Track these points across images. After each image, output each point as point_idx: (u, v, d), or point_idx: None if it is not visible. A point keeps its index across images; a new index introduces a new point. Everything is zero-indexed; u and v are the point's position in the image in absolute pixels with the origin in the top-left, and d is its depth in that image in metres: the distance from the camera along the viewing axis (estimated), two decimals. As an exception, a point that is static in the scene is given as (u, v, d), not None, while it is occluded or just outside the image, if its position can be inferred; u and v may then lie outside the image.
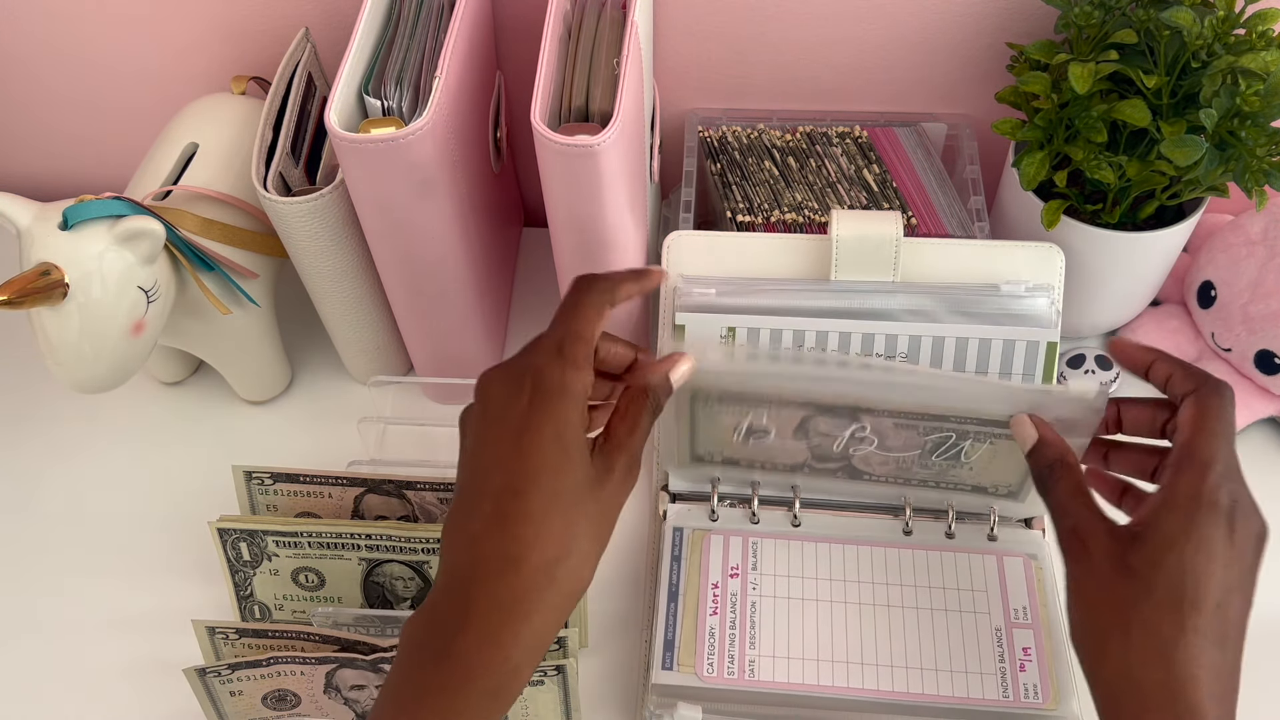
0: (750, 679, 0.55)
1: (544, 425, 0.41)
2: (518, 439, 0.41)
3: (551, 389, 0.41)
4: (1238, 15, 0.55)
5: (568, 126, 0.52)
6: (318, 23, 0.70)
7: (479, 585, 0.39)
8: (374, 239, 0.59)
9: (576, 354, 0.42)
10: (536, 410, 0.41)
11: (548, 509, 0.40)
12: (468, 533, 0.40)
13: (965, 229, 0.65)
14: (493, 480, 0.40)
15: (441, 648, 0.38)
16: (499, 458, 0.41)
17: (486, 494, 0.40)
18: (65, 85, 0.77)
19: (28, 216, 0.54)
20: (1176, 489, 0.43)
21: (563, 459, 0.40)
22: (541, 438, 0.40)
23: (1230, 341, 0.66)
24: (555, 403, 0.41)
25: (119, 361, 0.57)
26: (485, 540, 0.40)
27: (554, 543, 0.39)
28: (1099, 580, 0.43)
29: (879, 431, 0.55)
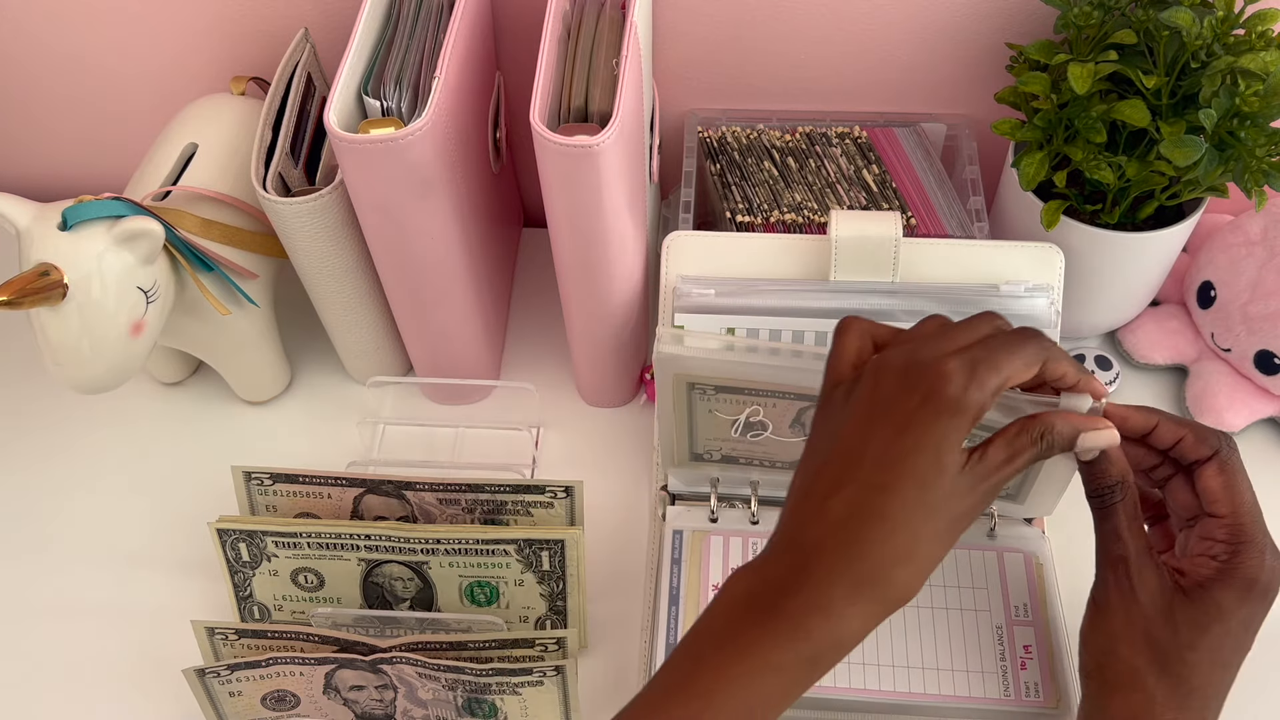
0: (750, 679, 0.55)
1: (928, 435, 0.40)
2: (899, 437, 0.40)
3: (946, 403, 0.40)
4: (1237, 15, 0.55)
5: (567, 127, 0.52)
6: (317, 23, 0.70)
7: (821, 557, 0.40)
8: (373, 239, 0.59)
9: (987, 382, 0.41)
10: (925, 417, 0.40)
11: (907, 516, 0.40)
12: (824, 506, 0.41)
13: (965, 229, 0.65)
14: (863, 469, 0.41)
15: (773, 603, 0.40)
16: (876, 449, 0.41)
17: (853, 479, 0.41)
18: (64, 85, 0.77)
19: (27, 217, 0.54)
20: (1236, 572, 0.45)
21: (934, 473, 0.40)
22: (922, 446, 0.40)
23: (1230, 341, 0.66)
24: (946, 418, 0.40)
25: (119, 361, 0.57)
26: (839, 522, 0.40)
27: (900, 548, 0.40)
28: (1139, 619, 0.45)
29: None
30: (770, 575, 0.41)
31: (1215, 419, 0.66)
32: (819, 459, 0.42)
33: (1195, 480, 0.47)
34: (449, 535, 0.55)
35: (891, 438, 0.40)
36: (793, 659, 0.39)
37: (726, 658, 0.39)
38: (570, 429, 0.70)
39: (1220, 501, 0.46)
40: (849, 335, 0.45)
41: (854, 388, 0.43)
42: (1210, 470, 0.47)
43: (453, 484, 0.58)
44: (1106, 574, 0.46)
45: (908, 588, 0.40)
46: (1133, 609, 0.45)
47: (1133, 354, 0.71)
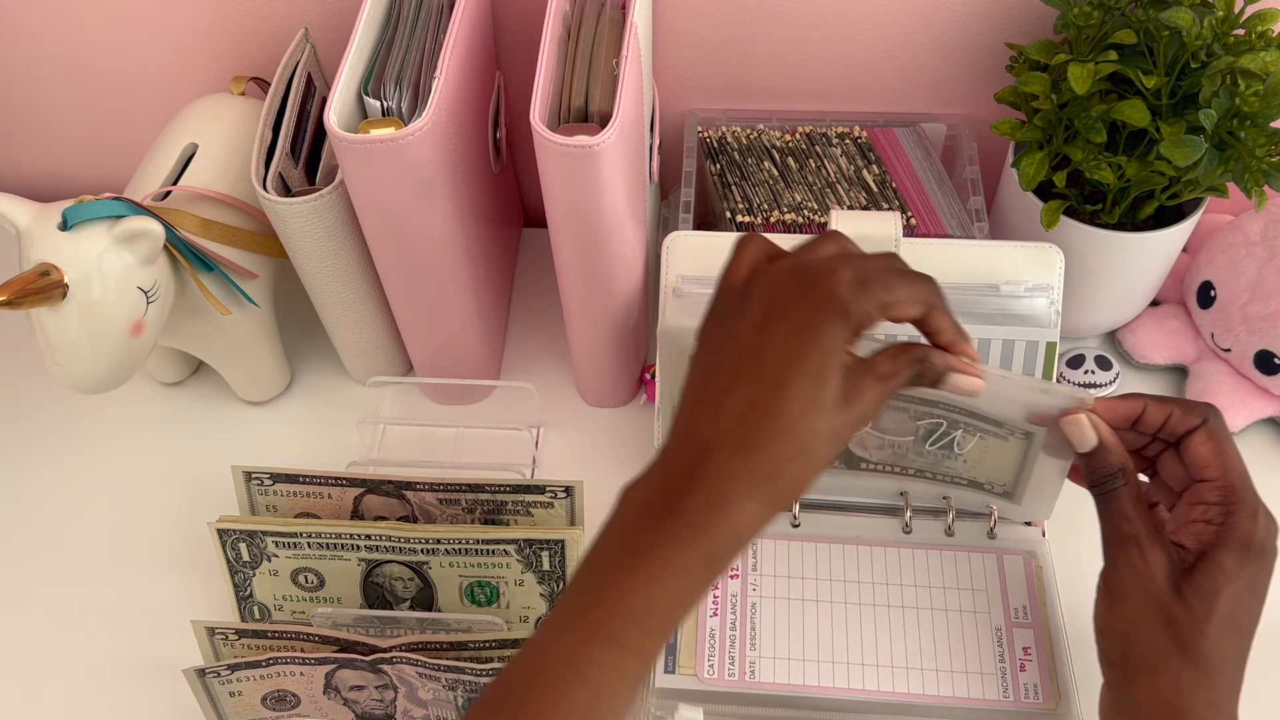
0: (751, 680, 0.55)
1: (822, 335, 0.41)
2: (794, 336, 0.41)
3: (839, 305, 0.41)
4: (1237, 15, 0.55)
5: (567, 127, 0.52)
6: (317, 23, 0.70)
7: (715, 457, 0.40)
8: (373, 239, 0.59)
9: (875, 294, 0.42)
10: (820, 319, 0.41)
11: (801, 412, 0.40)
12: (720, 405, 0.41)
13: (965, 229, 0.65)
14: (759, 367, 0.41)
15: (670, 505, 0.40)
16: (772, 348, 0.41)
17: (749, 378, 0.41)
18: (65, 86, 0.77)
19: (27, 217, 0.54)
20: (1232, 531, 0.46)
21: (828, 372, 0.41)
22: (818, 344, 0.41)
23: (1230, 341, 0.66)
24: (838, 320, 0.41)
25: (119, 361, 0.57)
26: (735, 420, 0.40)
27: (794, 445, 0.40)
28: (1153, 599, 0.45)
29: None
30: (666, 479, 0.41)
31: (1215, 419, 0.66)
32: (713, 360, 0.43)
33: (1184, 452, 0.48)
34: (449, 535, 0.55)
35: (787, 337, 0.41)
36: (694, 558, 0.39)
37: (628, 566, 0.39)
38: (570, 429, 0.70)
39: (1210, 465, 0.47)
40: (747, 247, 0.45)
41: (748, 291, 0.43)
42: (1199, 438, 0.48)
43: (453, 484, 0.58)
44: (1117, 555, 0.47)
45: (799, 483, 0.41)
46: (1150, 587, 0.45)
47: (1133, 354, 0.71)
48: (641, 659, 0.39)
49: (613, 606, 0.39)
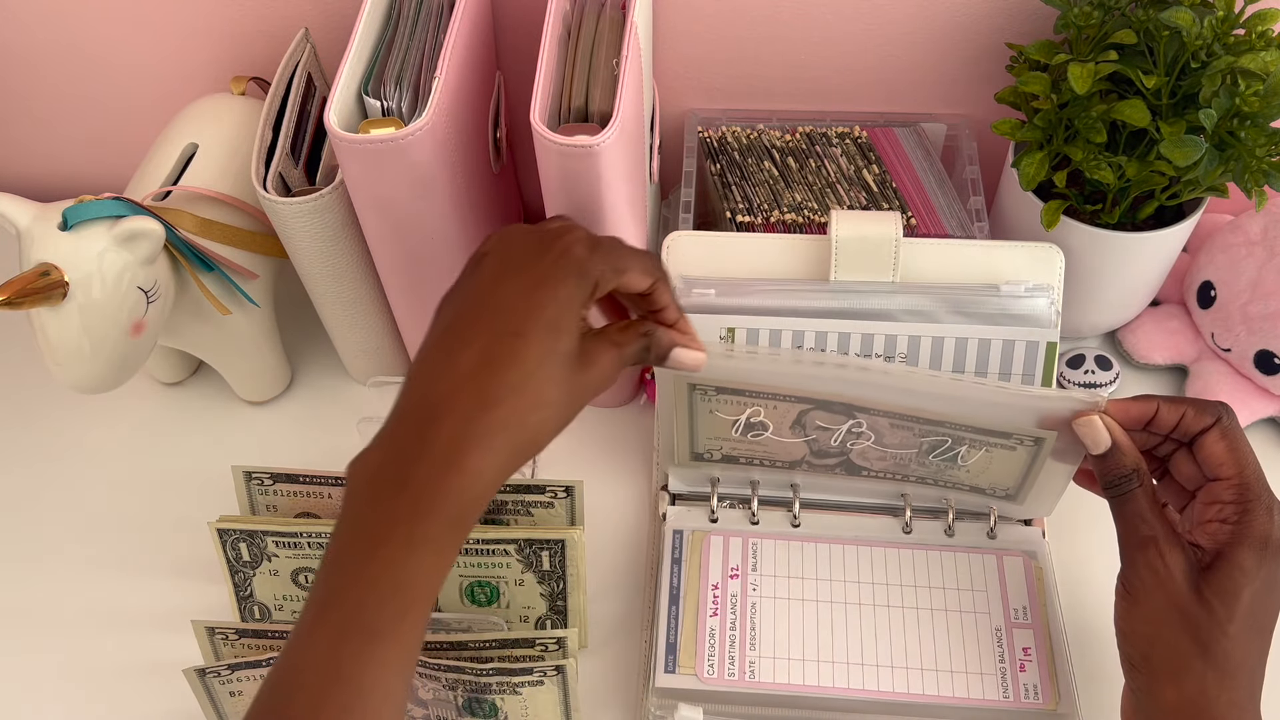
0: (751, 680, 0.55)
1: (559, 288, 0.41)
2: (534, 290, 0.41)
3: (573, 264, 0.42)
4: (1237, 15, 0.55)
5: (567, 127, 0.52)
6: (318, 23, 0.70)
7: (450, 415, 0.39)
8: (374, 239, 0.59)
9: (608, 258, 0.43)
10: (556, 274, 0.42)
11: (540, 360, 0.40)
12: (454, 359, 0.40)
13: (965, 229, 0.65)
14: (498, 320, 0.41)
15: (402, 477, 0.38)
16: (510, 299, 0.41)
17: (486, 329, 0.41)
18: (65, 86, 0.77)
19: (27, 217, 0.54)
20: (1249, 530, 0.45)
21: (565, 324, 0.41)
22: (556, 296, 0.41)
23: (1230, 341, 0.66)
24: (574, 277, 0.42)
25: (119, 361, 0.57)
26: (470, 373, 0.40)
27: (534, 393, 0.40)
28: (1174, 600, 0.45)
29: (875, 429, 0.55)
30: (395, 448, 0.40)
31: (1215, 419, 0.66)
32: (448, 318, 0.43)
33: (1197, 451, 0.48)
34: None
35: (526, 289, 0.41)
36: (438, 527, 0.38)
37: (369, 550, 0.38)
38: (570, 429, 0.70)
39: (1225, 463, 0.47)
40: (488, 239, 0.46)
41: (483, 255, 0.44)
42: (1212, 436, 0.48)
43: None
44: (1136, 557, 0.47)
45: (541, 435, 0.41)
46: (1170, 587, 0.45)
47: (1133, 354, 0.71)
48: (402, 643, 0.37)
49: (362, 597, 0.37)
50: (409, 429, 0.40)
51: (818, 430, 0.56)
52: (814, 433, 0.56)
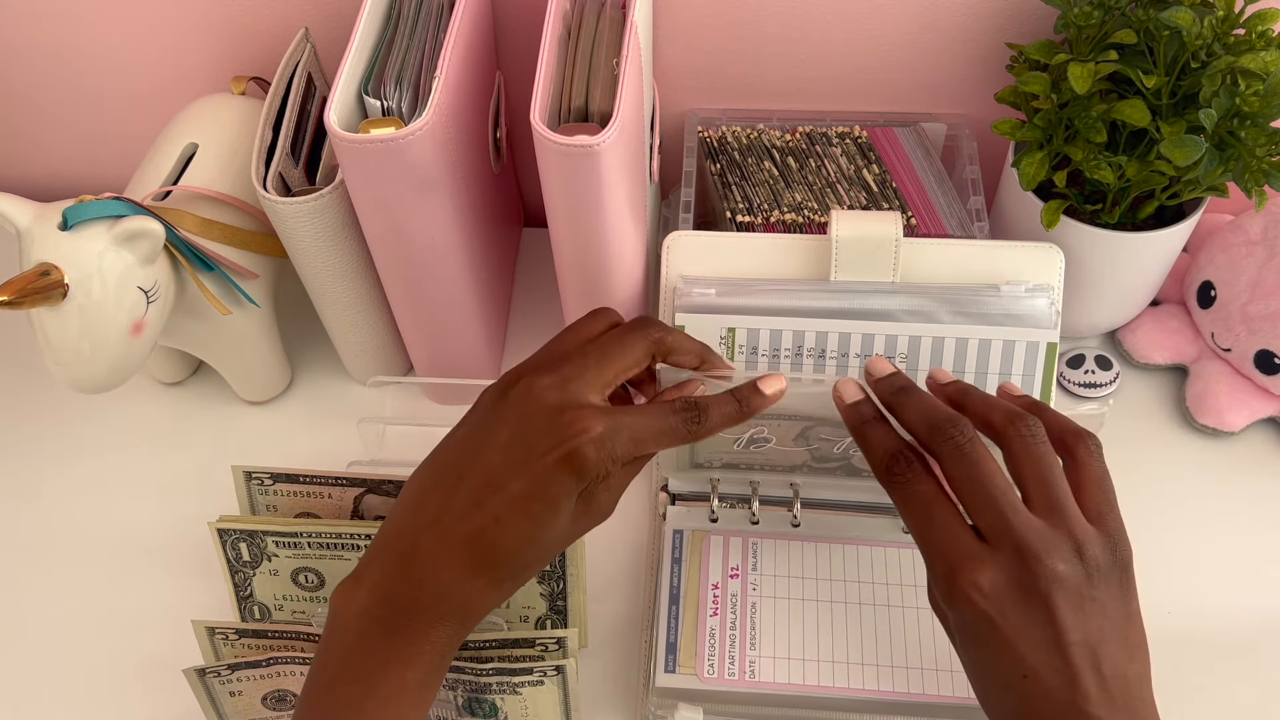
0: (751, 680, 0.55)
1: (554, 487, 0.42)
2: (530, 482, 0.42)
3: (579, 463, 0.42)
4: (1237, 15, 0.55)
5: (567, 126, 0.52)
6: (318, 23, 0.70)
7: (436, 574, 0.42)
8: (374, 239, 0.59)
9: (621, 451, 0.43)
10: (559, 472, 0.42)
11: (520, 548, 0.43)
12: (440, 521, 0.43)
13: (965, 229, 0.65)
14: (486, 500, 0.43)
15: (394, 624, 0.42)
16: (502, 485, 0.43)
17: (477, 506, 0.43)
18: (65, 86, 0.77)
19: (27, 217, 0.54)
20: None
21: (551, 518, 0.43)
22: (546, 495, 0.42)
23: (1230, 341, 0.66)
24: (576, 477, 0.42)
25: (119, 361, 0.57)
26: (456, 542, 0.42)
27: (508, 571, 0.43)
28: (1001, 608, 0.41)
29: None
30: (388, 592, 0.43)
31: (1215, 419, 0.66)
32: (446, 468, 0.45)
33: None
34: None
35: (526, 480, 0.42)
36: (423, 671, 0.42)
37: (361, 689, 0.41)
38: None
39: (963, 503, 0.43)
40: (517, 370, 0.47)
41: (504, 405, 0.45)
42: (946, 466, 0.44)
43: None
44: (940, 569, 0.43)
45: (505, 596, 0.44)
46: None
47: (1133, 354, 0.71)
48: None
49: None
50: (399, 578, 0.43)
51: (820, 441, 0.56)
52: (817, 443, 0.56)
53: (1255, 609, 0.51)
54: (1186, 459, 0.67)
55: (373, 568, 0.43)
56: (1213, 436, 0.68)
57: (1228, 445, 0.67)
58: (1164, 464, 0.67)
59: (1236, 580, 0.62)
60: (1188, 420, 0.68)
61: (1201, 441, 0.68)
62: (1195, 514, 0.65)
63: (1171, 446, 0.68)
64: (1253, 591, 0.62)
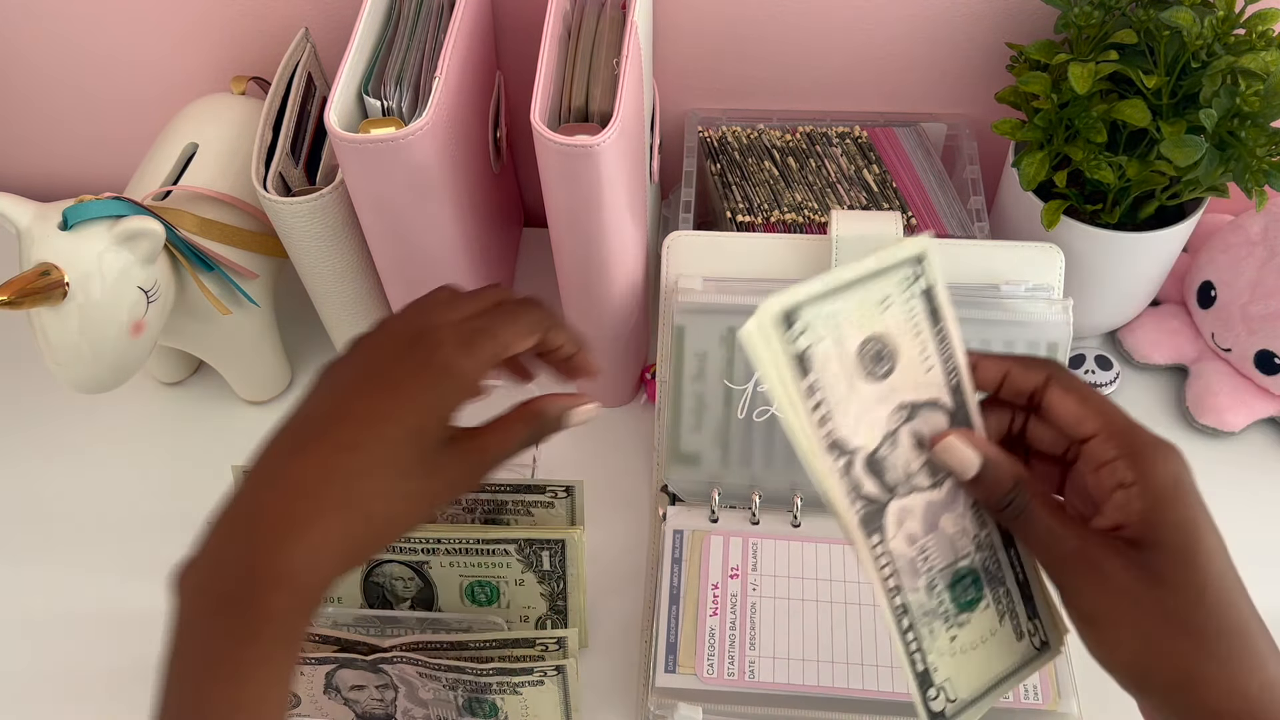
0: (750, 680, 0.55)
1: (413, 400, 0.39)
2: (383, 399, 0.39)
3: (438, 369, 0.40)
4: (1238, 15, 0.55)
5: (567, 127, 0.52)
6: (318, 23, 0.70)
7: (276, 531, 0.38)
8: (374, 239, 0.59)
9: (483, 350, 0.41)
10: (414, 383, 0.40)
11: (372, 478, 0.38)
12: (286, 469, 0.39)
13: (965, 229, 0.65)
14: (338, 429, 0.39)
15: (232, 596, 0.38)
16: (357, 409, 0.39)
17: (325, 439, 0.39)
18: (65, 86, 0.77)
19: (28, 217, 0.54)
20: (1155, 479, 0.39)
21: (410, 438, 0.39)
22: (404, 410, 0.39)
23: (1230, 341, 0.66)
24: (435, 386, 0.40)
25: (119, 361, 0.57)
26: (299, 485, 0.38)
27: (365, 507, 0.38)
28: (1140, 605, 0.39)
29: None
30: (223, 561, 0.38)
31: (1215, 419, 0.66)
32: (298, 415, 0.41)
33: (1048, 415, 0.42)
34: (450, 535, 0.55)
35: (376, 399, 0.39)
36: (269, 645, 0.37)
37: (198, 670, 0.37)
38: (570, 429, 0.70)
39: (1085, 418, 0.41)
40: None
41: (355, 347, 0.42)
42: (1055, 394, 0.41)
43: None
44: (1073, 580, 0.40)
45: (375, 544, 0.39)
46: (1130, 593, 0.39)
47: (1133, 354, 0.71)
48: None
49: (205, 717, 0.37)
50: (236, 543, 0.38)
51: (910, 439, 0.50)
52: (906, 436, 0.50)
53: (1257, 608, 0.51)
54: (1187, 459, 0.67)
55: (211, 540, 0.39)
56: (1213, 436, 0.68)
57: (1228, 445, 0.67)
58: (1164, 464, 0.67)
59: (1236, 580, 0.62)
60: (1188, 420, 0.68)
61: (1201, 441, 0.68)
62: (1195, 514, 0.65)
63: (1172, 446, 0.68)
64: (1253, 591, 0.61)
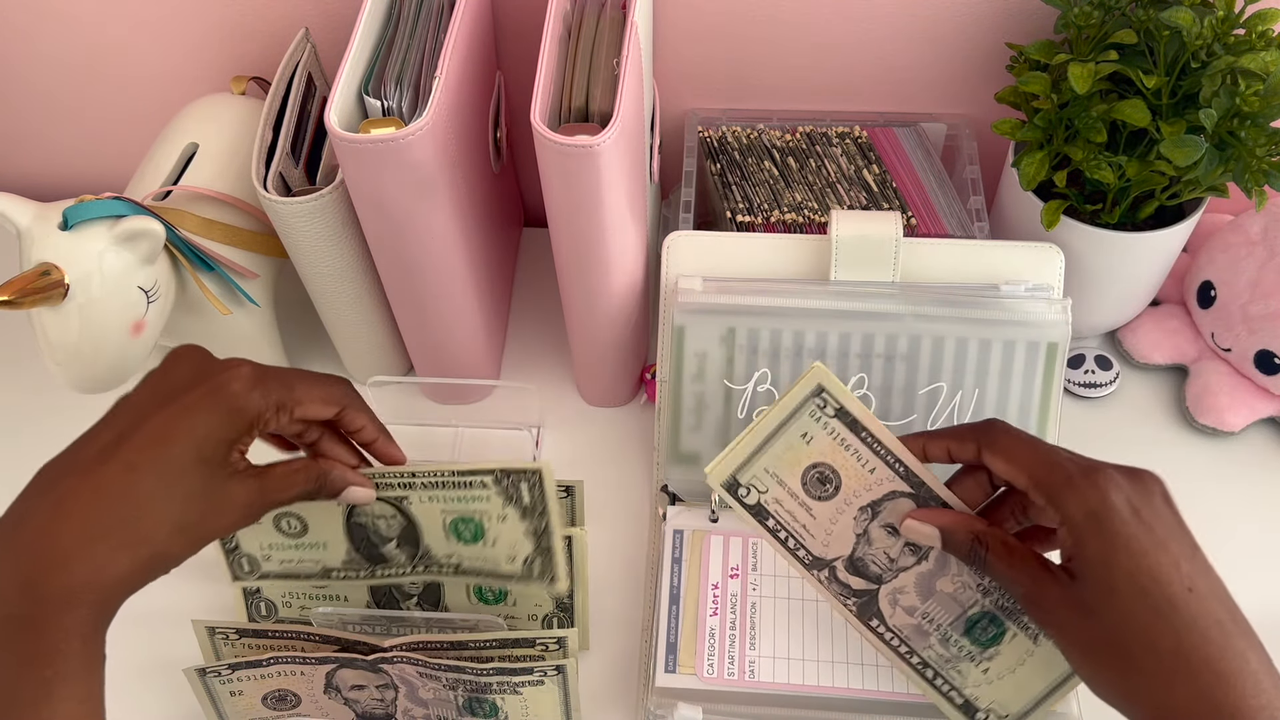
0: (750, 680, 0.55)
1: (202, 422, 0.40)
2: (172, 420, 0.40)
3: (224, 397, 0.41)
4: (1237, 15, 0.55)
5: (568, 127, 0.52)
6: (318, 23, 0.70)
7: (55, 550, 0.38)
8: (374, 239, 0.59)
9: (272, 392, 0.42)
10: (202, 406, 0.41)
11: (153, 497, 0.39)
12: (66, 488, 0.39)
13: (965, 229, 0.65)
14: (123, 448, 0.40)
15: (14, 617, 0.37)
16: (144, 430, 0.40)
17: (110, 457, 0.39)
18: (65, 85, 0.77)
19: (28, 216, 0.54)
20: (1072, 516, 0.42)
21: (187, 465, 0.40)
22: (194, 431, 0.40)
23: (1230, 341, 0.66)
24: (223, 412, 0.41)
25: (119, 361, 0.57)
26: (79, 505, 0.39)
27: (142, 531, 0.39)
28: (1080, 633, 0.42)
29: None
30: (6, 578, 0.38)
31: (1215, 419, 0.66)
32: (85, 438, 0.41)
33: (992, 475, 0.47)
34: (424, 469, 0.54)
35: (160, 421, 0.40)
36: (69, 662, 0.37)
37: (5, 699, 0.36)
38: (570, 429, 0.70)
39: (1015, 474, 0.45)
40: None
41: (156, 370, 0.43)
42: (988, 459, 0.46)
43: (452, 481, 0.58)
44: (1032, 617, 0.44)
45: (152, 568, 0.39)
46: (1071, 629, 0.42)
47: (1133, 354, 0.71)
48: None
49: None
50: (13, 555, 0.38)
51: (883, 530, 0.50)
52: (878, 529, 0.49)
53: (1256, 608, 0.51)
54: (1186, 459, 0.67)
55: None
56: (1213, 436, 0.68)
57: (1228, 445, 0.67)
58: (1164, 464, 0.66)
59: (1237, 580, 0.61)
60: (1188, 420, 0.68)
61: (1201, 441, 0.68)
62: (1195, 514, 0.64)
63: (1171, 446, 0.68)
64: (1253, 591, 0.61)
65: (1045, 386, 0.58)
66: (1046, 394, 0.58)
